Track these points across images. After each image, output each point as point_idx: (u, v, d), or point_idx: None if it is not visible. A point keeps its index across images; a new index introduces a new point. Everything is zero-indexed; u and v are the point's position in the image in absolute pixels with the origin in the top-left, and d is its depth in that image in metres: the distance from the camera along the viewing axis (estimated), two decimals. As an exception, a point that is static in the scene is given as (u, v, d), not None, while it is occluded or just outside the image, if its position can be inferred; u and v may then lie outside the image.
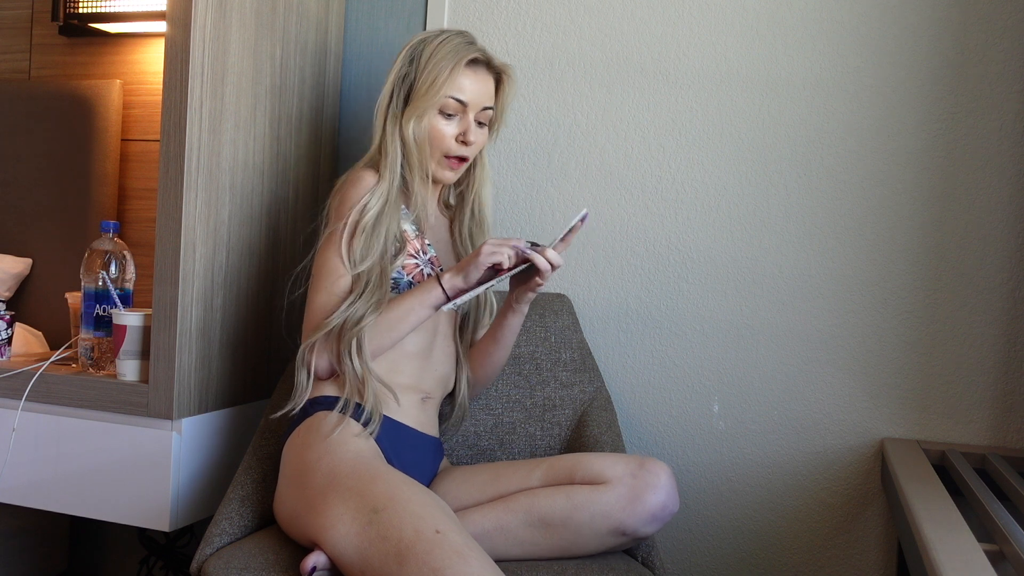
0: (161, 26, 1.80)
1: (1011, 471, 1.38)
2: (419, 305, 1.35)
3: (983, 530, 1.13)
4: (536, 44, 1.80)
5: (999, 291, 1.57)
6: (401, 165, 1.43)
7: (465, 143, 1.44)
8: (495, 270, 1.34)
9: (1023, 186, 1.56)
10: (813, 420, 1.66)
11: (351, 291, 1.37)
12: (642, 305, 1.75)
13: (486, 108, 1.46)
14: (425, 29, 1.85)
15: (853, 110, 1.63)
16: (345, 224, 1.38)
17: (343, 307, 1.35)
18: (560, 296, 1.73)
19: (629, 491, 1.27)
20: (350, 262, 1.37)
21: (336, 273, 1.37)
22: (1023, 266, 1.56)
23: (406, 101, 1.43)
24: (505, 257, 1.31)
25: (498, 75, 1.49)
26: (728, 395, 1.71)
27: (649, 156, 1.74)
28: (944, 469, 1.46)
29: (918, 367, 1.61)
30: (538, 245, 1.33)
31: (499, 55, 1.80)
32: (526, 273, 1.36)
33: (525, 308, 1.45)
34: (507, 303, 1.45)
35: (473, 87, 1.43)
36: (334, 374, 1.37)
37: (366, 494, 1.16)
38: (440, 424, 1.53)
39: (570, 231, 1.33)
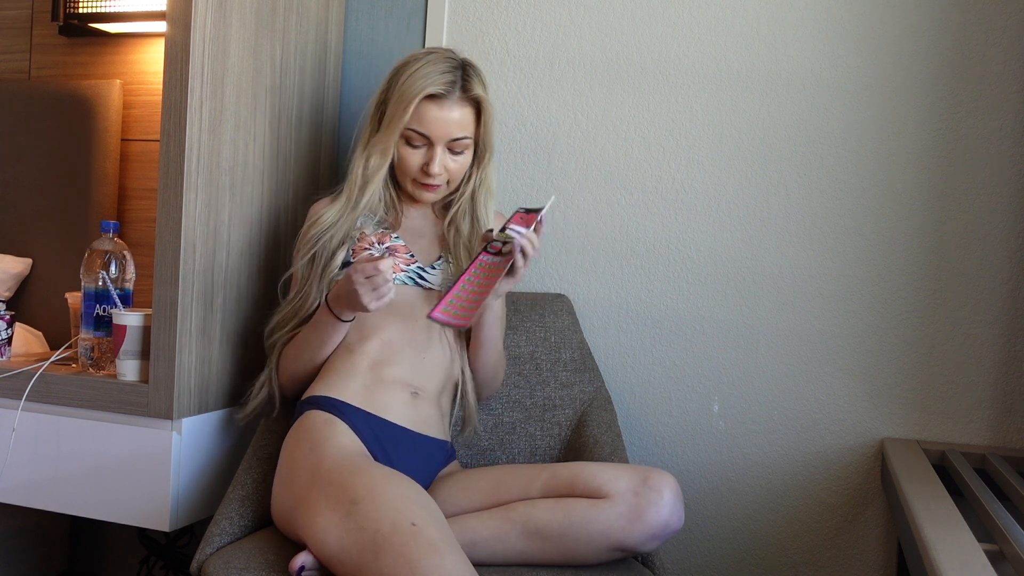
0: (161, 26, 1.80)
1: (1011, 471, 1.38)
2: (317, 333, 1.42)
3: (983, 530, 1.13)
4: (536, 44, 1.80)
5: (999, 291, 1.57)
6: (359, 189, 1.47)
7: (428, 174, 1.45)
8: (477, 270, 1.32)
9: (1023, 186, 1.56)
10: (813, 420, 1.66)
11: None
12: (642, 305, 1.75)
13: (458, 139, 1.44)
14: (425, 29, 1.85)
15: (853, 110, 1.63)
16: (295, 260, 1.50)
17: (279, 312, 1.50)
18: (560, 296, 1.73)
19: (630, 509, 1.24)
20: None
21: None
22: (1023, 266, 1.56)
23: (378, 129, 1.47)
24: (374, 268, 1.29)
25: (475, 103, 1.46)
26: (728, 395, 1.71)
27: (649, 156, 1.74)
28: (944, 469, 1.46)
29: (918, 367, 1.61)
30: (532, 211, 1.33)
31: (499, 55, 1.81)
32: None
33: (494, 302, 1.43)
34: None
35: (435, 120, 1.41)
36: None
37: (347, 487, 1.18)
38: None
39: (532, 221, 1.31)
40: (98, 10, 1.85)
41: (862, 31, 1.62)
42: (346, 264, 1.45)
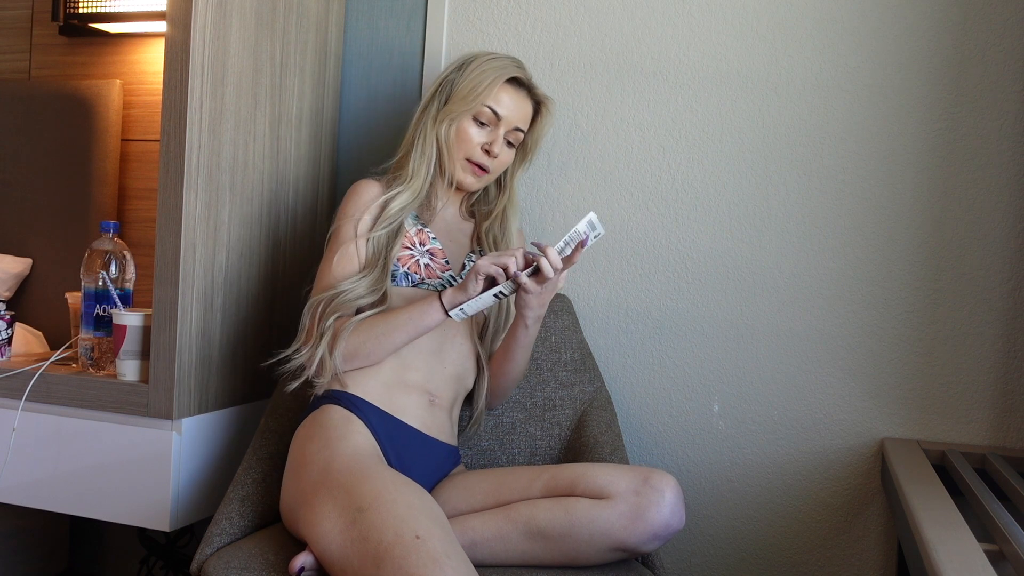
0: (161, 26, 1.80)
1: (1011, 471, 1.38)
2: (417, 316, 1.35)
3: (983, 530, 1.13)
4: (536, 44, 1.80)
5: (999, 291, 1.57)
6: (435, 164, 1.49)
7: (489, 153, 1.49)
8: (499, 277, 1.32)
9: (1023, 186, 1.56)
10: (813, 420, 1.66)
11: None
12: (642, 305, 1.75)
13: (518, 129, 1.51)
14: (425, 29, 1.85)
15: (853, 110, 1.63)
16: (343, 225, 1.45)
17: (348, 281, 1.39)
18: (560, 296, 1.73)
19: (631, 509, 1.24)
20: (358, 256, 1.43)
21: (345, 257, 1.43)
22: (1023, 266, 1.56)
23: (445, 104, 1.49)
24: (499, 270, 1.29)
25: (537, 104, 1.55)
26: (728, 395, 1.71)
27: (649, 156, 1.74)
28: (944, 469, 1.46)
29: (918, 367, 1.61)
30: (540, 247, 1.31)
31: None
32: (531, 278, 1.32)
33: (531, 322, 1.42)
34: (516, 317, 1.44)
35: (510, 103, 1.49)
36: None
37: (354, 492, 1.17)
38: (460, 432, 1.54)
39: (579, 244, 1.30)
40: (98, 10, 1.86)
41: (862, 31, 1.62)
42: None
